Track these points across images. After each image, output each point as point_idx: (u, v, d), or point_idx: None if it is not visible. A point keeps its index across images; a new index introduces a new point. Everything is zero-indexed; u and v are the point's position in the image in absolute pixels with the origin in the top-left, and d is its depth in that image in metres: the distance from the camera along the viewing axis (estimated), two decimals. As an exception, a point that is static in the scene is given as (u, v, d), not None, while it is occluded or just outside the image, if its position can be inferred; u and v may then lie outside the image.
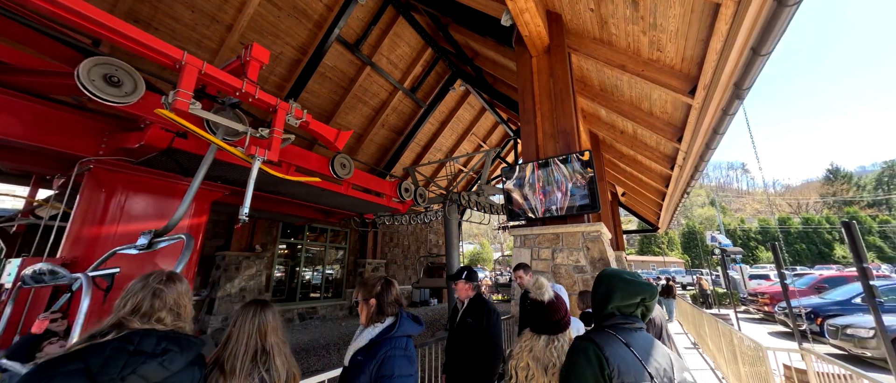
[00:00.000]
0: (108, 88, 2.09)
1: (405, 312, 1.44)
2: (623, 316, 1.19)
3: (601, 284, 1.28)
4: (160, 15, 5.75)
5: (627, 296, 1.19)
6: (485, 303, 2.27)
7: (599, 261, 2.98)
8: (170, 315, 1.00)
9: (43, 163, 3.26)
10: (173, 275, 1.07)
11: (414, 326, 1.41)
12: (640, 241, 40.94)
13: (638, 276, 1.25)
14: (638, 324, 1.19)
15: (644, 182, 7.93)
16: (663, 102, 4.29)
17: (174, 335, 0.95)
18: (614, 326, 1.17)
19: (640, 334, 1.17)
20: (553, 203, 3.47)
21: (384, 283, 1.46)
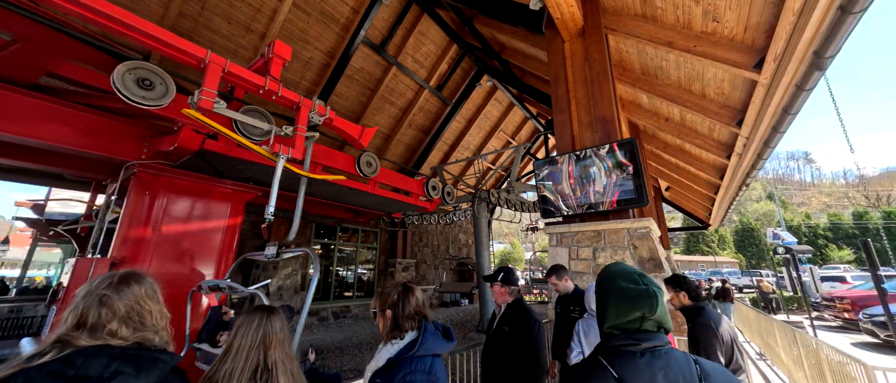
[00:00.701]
0: (141, 92, 2.14)
1: (432, 324, 1.21)
2: (626, 336, 0.90)
3: (598, 290, 1.01)
4: (200, 28, 6.08)
5: (623, 312, 0.92)
6: (525, 311, 2.01)
7: (649, 262, 2.65)
8: (125, 326, 0.80)
9: (98, 170, 3.51)
10: (129, 275, 0.89)
11: (441, 342, 1.18)
12: (687, 239, 37.98)
13: (639, 278, 0.96)
14: (648, 343, 0.88)
15: (692, 174, 7.22)
16: (718, 81, 3.80)
17: (133, 352, 0.78)
18: (612, 351, 0.89)
19: (656, 358, 0.85)
20: (592, 197, 3.17)
21: (401, 291, 1.23)
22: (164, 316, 0.91)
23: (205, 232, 3.40)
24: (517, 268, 34.67)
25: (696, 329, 1.82)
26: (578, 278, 2.93)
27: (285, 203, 4.69)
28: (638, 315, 0.89)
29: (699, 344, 1.80)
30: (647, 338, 0.88)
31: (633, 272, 0.98)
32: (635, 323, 0.90)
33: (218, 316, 3.13)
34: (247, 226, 7.94)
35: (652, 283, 0.95)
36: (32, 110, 2.39)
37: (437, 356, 1.15)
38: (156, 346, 0.84)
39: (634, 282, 0.95)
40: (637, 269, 1.01)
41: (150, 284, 0.92)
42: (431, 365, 1.11)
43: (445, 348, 1.18)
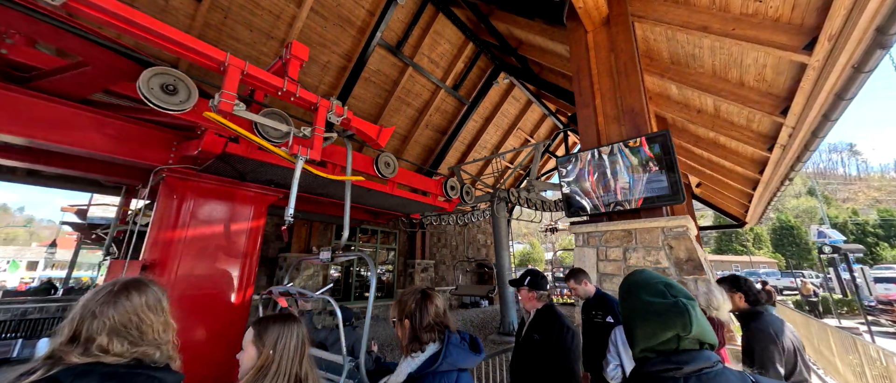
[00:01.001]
0: (166, 97, 2.17)
1: (456, 335, 1.09)
2: (663, 360, 0.76)
3: (622, 307, 0.88)
4: (224, 37, 6.29)
5: (652, 333, 0.78)
6: (556, 318, 1.85)
7: (687, 263, 2.45)
8: (118, 340, 0.72)
9: (130, 175, 3.65)
10: (130, 284, 0.82)
11: (467, 356, 1.06)
12: (718, 238, 36.06)
13: (666, 290, 0.81)
14: (692, 366, 0.72)
15: (727, 169, 6.78)
16: (760, 67, 3.51)
17: (128, 371, 0.71)
18: (650, 378, 0.75)
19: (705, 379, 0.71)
20: (620, 195, 2.99)
21: (420, 299, 1.12)
22: (169, 328, 0.84)
23: (230, 234, 3.46)
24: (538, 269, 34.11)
25: (752, 335, 1.63)
26: (609, 280, 2.76)
27: (305, 205, 4.75)
28: (671, 334, 0.76)
29: (754, 353, 1.60)
30: (690, 360, 0.74)
31: (658, 282, 0.83)
32: (671, 343, 0.76)
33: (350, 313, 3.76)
34: (269, 228, 8.14)
35: (682, 293, 0.81)
36: (72, 120, 2.49)
37: (463, 370, 1.04)
38: (156, 363, 0.77)
39: (661, 294, 0.80)
40: (663, 277, 0.86)
41: (154, 293, 0.85)
42: (457, 381, 1.00)
43: (472, 361, 1.06)
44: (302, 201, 4.61)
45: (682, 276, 2.42)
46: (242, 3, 6.01)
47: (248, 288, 3.52)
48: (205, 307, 3.12)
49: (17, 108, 2.27)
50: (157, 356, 0.78)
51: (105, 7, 1.56)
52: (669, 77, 4.45)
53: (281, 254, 8.23)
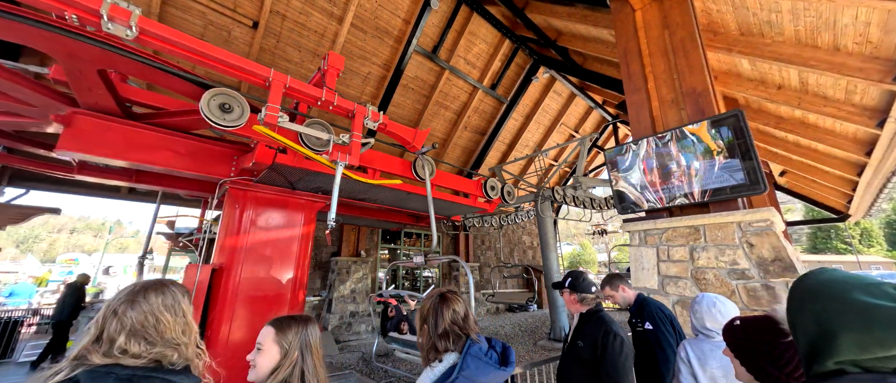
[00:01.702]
0: (224, 115, 2.38)
1: (480, 345, 0.96)
2: (875, 379, 0.58)
3: (804, 309, 0.67)
4: (277, 59, 6.87)
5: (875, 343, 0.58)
6: (601, 323, 1.66)
7: (774, 263, 2.07)
8: (135, 341, 0.73)
9: (202, 188, 4.10)
10: (150, 285, 0.82)
11: (489, 369, 0.93)
12: (813, 235, 30.82)
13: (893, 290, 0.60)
14: None
15: (820, 153, 5.74)
16: (861, 26, 2.90)
17: (144, 375, 0.71)
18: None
19: None
20: (684, 187, 2.64)
21: (437, 302, 1.03)
22: (189, 331, 0.84)
23: (283, 239, 3.71)
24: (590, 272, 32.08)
25: None
26: (673, 283, 2.45)
27: (351, 210, 4.96)
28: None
29: None
30: None
31: (876, 281, 0.64)
32: (893, 362, 0.59)
33: (400, 312, 4.28)
34: (321, 233, 8.66)
35: None
36: (150, 141, 2.86)
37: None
38: (174, 365, 0.77)
39: (889, 297, 0.61)
40: (873, 276, 0.66)
41: (172, 294, 0.84)
42: None
43: (497, 377, 0.93)
44: (349, 207, 4.82)
45: (765, 278, 2.05)
46: (291, 27, 6.52)
47: (300, 290, 3.74)
48: (263, 307, 3.37)
49: (117, 136, 2.67)
50: (174, 357, 0.78)
51: (168, 37, 1.75)
52: (739, 51, 3.89)
53: (332, 258, 8.72)
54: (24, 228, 45.80)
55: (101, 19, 1.60)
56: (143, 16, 1.68)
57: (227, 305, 3.20)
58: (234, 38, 6.18)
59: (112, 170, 3.37)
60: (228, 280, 3.29)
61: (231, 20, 5.92)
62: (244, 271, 3.39)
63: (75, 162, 3.14)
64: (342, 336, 7.82)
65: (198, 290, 3.01)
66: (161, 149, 2.90)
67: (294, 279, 3.68)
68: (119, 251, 44.23)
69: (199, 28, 5.83)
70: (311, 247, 4.17)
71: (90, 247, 47.52)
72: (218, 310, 3.14)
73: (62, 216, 52.85)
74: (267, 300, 3.46)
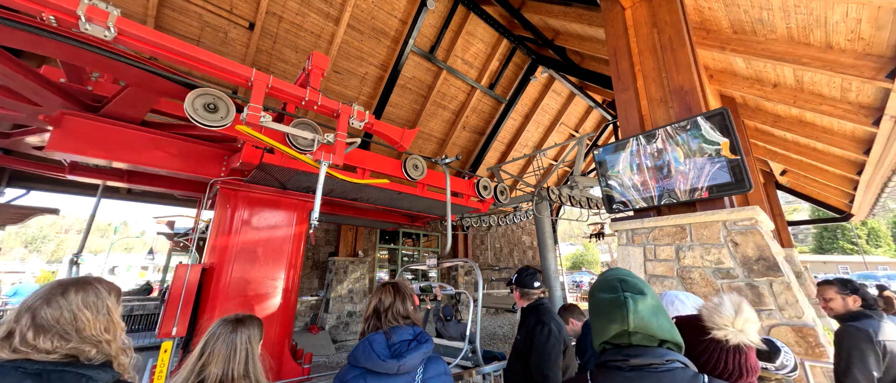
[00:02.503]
0: (209, 115, 2.40)
1: (380, 336, 1.04)
2: (616, 352, 0.81)
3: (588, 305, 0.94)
4: (274, 61, 6.91)
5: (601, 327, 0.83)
6: (536, 315, 1.65)
7: (758, 262, 2.05)
8: (48, 337, 0.72)
9: (195, 188, 4.13)
10: (72, 282, 0.82)
11: (370, 356, 0.99)
12: (819, 235, 30.45)
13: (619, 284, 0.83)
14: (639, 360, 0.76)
15: (820, 152, 5.67)
16: (852, 23, 2.87)
17: (55, 368, 0.70)
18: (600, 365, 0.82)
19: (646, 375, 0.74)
20: (671, 185, 2.62)
21: (375, 291, 1.16)
22: (114, 327, 0.83)
23: (275, 239, 3.72)
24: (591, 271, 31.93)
25: (845, 332, 1.38)
26: (659, 283, 2.42)
27: (347, 211, 4.97)
28: (617, 328, 0.79)
29: (841, 351, 1.40)
30: (639, 354, 0.77)
31: (616, 277, 0.86)
32: (622, 337, 0.80)
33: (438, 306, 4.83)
34: (319, 234, 8.69)
35: (632, 288, 0.82)
36: (140, 142, 2.89)
37: (369, 371, 0.99)
38: (91, 360, 0.77)
39: (612, 289, 0.84)
40: (627, 273, 0.87)
41: (96, 291, 0.84)
42: (353, 379, 0.97)
43: (378, 365, 0.99)
44: (342, 207, 4.83)
45: (752, 279, 2.03)
46: (288, 28, 6.56)
47: (292, 290, 3.75)
48: (254, 307, 3.39)
49: (102, 135, 2.70)
50: (92, 353, 0.77)
51: (146, 37, 1.76)
52: (732, 49, 3.85)
53: (330, 258, 8.75)
54: (32, 229, 46.43)
55: (78, 20, 1.62)
56: (120, 16, 1.70)
57: (218, 305, 3.22)
58: (230, 39, 6.22)
59: (104, 170, 3.40)
60: (219, 280, 3.31)
61: (227, 21, 5.96)
62: (235, 271, 3.41)
63: (67, 162, 3.17)
64: (339, 335, 7.84)
65: (187, 290, 3.03)
66: (151, 149, 2.93)
67: (286, 279, 3.70)
68: (125, 251, 44.70)
69: (196, 30, 5.88)
70: (305, 246, 4.18)
71: (97, 247, 48.08)
72: (208, 310, 3.16)
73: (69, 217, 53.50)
74: (258, 300, 3.47)
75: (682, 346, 0.81)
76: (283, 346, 3.51)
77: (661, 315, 0.81)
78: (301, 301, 8.08)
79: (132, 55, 2.05)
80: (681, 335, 0.85)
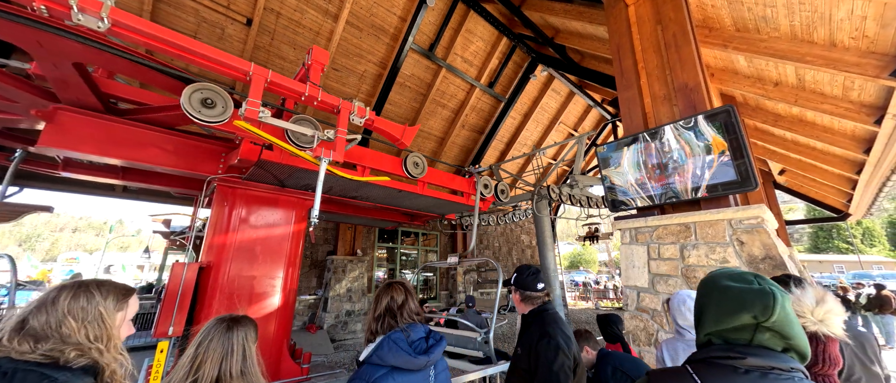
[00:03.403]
0: (206, 110, 2.35)
1: (399, 332, 1.05)
2: (727, 348, 0.72)
3: (698, 297, 0.83)
4: (272, 57, 6.83)
5: (725, 314, 0.73)
6: (541, 325, 1.42)
7: (764, 261, 2.02)
8: (26, 340, 0.72)
9: (192, 186, 4.07)
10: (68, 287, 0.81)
11: (401, 354, 1.00)
12: (814, 235, 30.68)
13: (754, 279, 0.75)
14: (759, 361, 0.68)
15: (819, 151, 5.67)
16: (857, 20, 2.85)
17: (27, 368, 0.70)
18: (705, 361, 0.73)
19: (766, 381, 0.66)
20: (675, 184, 2.60)
21: (382, 288, 1.16)
22: (104, 335, 0.81)
23: (273, 237, 3.68)
24: (589, 271, 31.95)
25: None
26: (663, 282, 2.40)
27: (346, 209, 4.92)
28: (748, 319, 0.71)
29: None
30: (760, 354, 0.68)
31: (745, 273, 0.78)
32: (744, 332, 0.71)
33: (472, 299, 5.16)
34: (318, 232, 8.63)
35: (772, 284, 0.74)
36: (135, 138, 2.83)
37: (398, 369, 0.99)
38: (70, 363, 0.75)
39: (745, 280, 0.75)
40: (753, 272, 0.80)
41: (89, 296, 0.82)
42: (380, 378, 0.96)
43: (409, 362, 1.00)
44: (341, 205, 4.79)
45: (757, 278, 2.01)
46: (286, 24, 6.49)
47: (291, 289, 3.70)
48: (253, 306, 3.34)
49: (100, 132, 2.64)
50: (72, 355, 0.76)
51: (142, 29, 1.71)
52: (735, 47, 3.83)
53: (329, 257, 8.70)
54: (27, 227, 46.00)
55: (71, 10, 1.56)
56: (115, 7, 1.64)
57: (216, 304, 3.17)
58: (227, 35, 6.15)
59: (98, 167, 3.34)
60: (216, 278, 3.26)
61: (224, 17, 5.89)
62: (232, 269, 3.36)
63: (60, 158, 3.11)
64: (337, 335, 7.80)
65: (184, 289, 2.98)
66: (146, 145, 2.87)
67: (285, 278, 3.65)
68: (121, 250, 44.40)
69: (193, 25, 5.80)
70: (303, 245, 4.14)
71: (92, 246, 47.71)
72: (205, 310, 3.11)
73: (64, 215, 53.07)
74: (256, 298, 3.43)
75: (807, 358, 0.74)
76: (282, 346, 3.47)
77: (797, 322, 0.75)
78: (299, 300, 8.03)
79: (125, 47, 1.99)
80: None
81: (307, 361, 3.66)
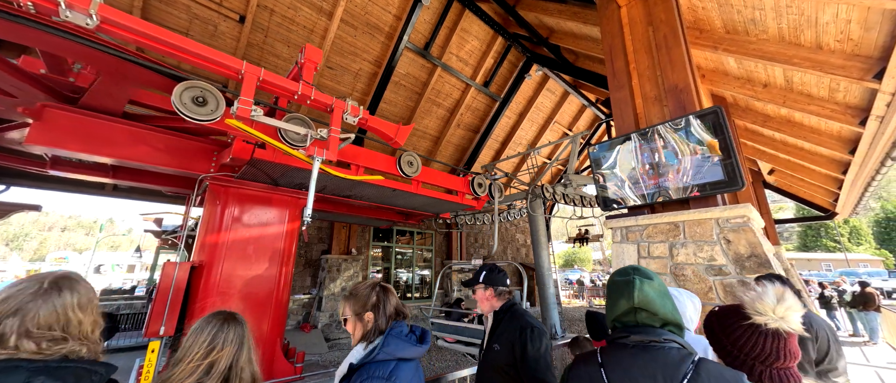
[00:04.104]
0: (197, 108, 2.33)
1: (400, 326, 1.13)
2: (622, 329, 0.91)
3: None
4: (266, 55, 6.78)
5: (611, 304, 0.95)
6: (518, 319, 1.47)
7: (750, 259, 2.07)
8: (32, 340, 0.68)
9: (183, 184, 4.03)
10: (59, 281, 0.77)
11: (407, 346, 1.08)
12: (803, 234, 31.24)
13: (632, 271, 0.95)
14: (639, 337, 0.85)
15: (806, 151, 5.78)
16: (842, 24, 2.91)
17: (58, 365, 0.68)
18: (609, 341, 0.93)
19: (643, 352, 0.83)
20: (665, 183, 2.64)
21: (380, 291, 1.19)
22: (97, 326, 0.81)
23: (267, 236, 3.66)
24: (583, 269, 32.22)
25: None
26: (652, 280, 2.45)
27: (340, 208, 4.91)
28: (625, 305, 0.90)
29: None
30: (640, 332, 0.87)
31: (629, 267, 0.97)
32: (629, 315, 0.90)
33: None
34: (312, 231, 8.59)
35: (642, 273, 0.93)
36: (126, 136, 2.80)
37: (403, 360, 1.07)
38: (84, 358, 0.75)
39: (624, 273, 0.95)
40: (639, 265, 0.99)
41: (85, 292, 0.80)
42: (393, 371, 1.02)
43: (414, 352, 1.10)
44: (335, 203, 4.78)
45: (741, 274, 2.05)
46: (279, 22, 6.44)
47: (285, 288, 3.69)
48: (246, 305, 3.33)
49: (84, 129, 2.60)
50: (83, 352, 0.74)
51: (134, 26, 1.70)
52: (725, 49, 3.89)
53: (323, 256, 8.67)
54: (15, 226, 45.08)
55: (58, 7, 1.55)
56: (103, 4, 1.63)
57: (208, 303, 3.15)
58: (220, 32, 6.08)
59: (87, 165, 3.29)
60: (209, 278, 3.24)
61: (217, 14, 5.82)
62: (225, 269, 3.34)
63: (48, 157, 3.06)
64: (332, 334, 7.78)
65: (176, 288, 2.96)
66: (137, 144, 2.84)
67: (278, 277, 3.64)
68: (111, 249, 43.72)
69: (185, 22, 5.73)
70: (297, 244, 4.12)
71: (81, 245, 46.92)
72: (198, 309, 3.09)
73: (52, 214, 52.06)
74: (250, 297, 3.41)
75: (682, 328, 0.89)
76: (275, 345, 3.46)
77: (666, 298, 0.91)
78: (293, 299, 7.99)
79: (114, 44, 1.97)
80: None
81: (301, 360, 3.66)
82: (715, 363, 0.81)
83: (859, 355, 6.09)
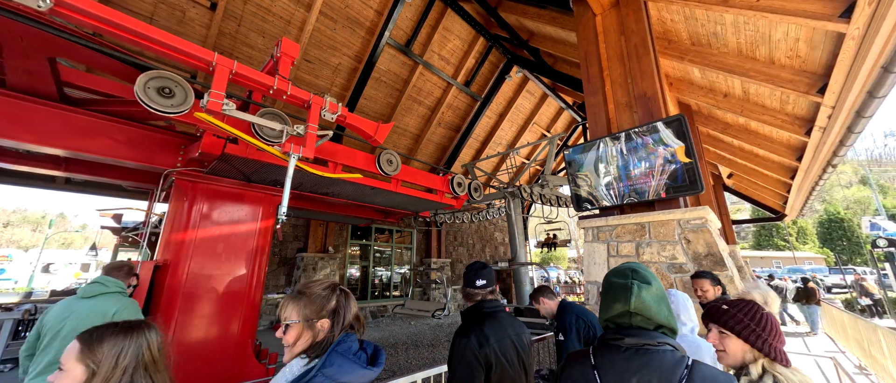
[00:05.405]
0: (163, 100, 2.21)
1: (350, 340, 0.92)
2: (615, 331, 0.92)
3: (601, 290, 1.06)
4: (239, 45, 6.49)
5: (606, 306, 0.95)
6: (466, 319, 1.46)
7: (706, 258, 2.23)
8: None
9: (146, 179, 3.81)
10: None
11: (353, 367, 0.85)
12: (757, 233, 33.68)
13: (630, 273, 0.95)
14: (633, 340, 0.87)
15: (761, 157, 6.25)
16: (791, 41, 3.17)
17: None
18: (601, 342, 0.94)
19: (638, 356, 0.84)
20: (633, 185, 2.78)
21: (342, 294, 0.98)
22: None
23: (238, 234, 3.53)
24: (558, 267, 33.20)
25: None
26: (619, 278, 2.59)
27: (317, 205, 4.80)
28: (621, 308, 0.90)
29: None
30: (635, 335, 0.87)
31: (628, 269, 0.97)
32: (624, 317, 0.90)
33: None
34: (287, 229, 8.35)
35: (640, 277, 0.93)
36: (83, 127, 2.61)
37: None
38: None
39: (622, 276, 0.95)
40: (638, 265, 0.99)
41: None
42: None
43: (361, 376, 0.86)
44: (311, 201, 4.66)
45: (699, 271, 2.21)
46: (254, 11, 6.18)
47: (257, 287, 3.58)
48: (214, 307, 3.19)
49: (42, 120, 2.40)
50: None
51: (88, 10, 1.59)
52: (690, 60, 4.13)
53: (298, 254, 8.44)
54: (-54, 221, 40.70)
55: (4, -14, 1.43)
56: (57, -15, 1.51)
57: (172, 305, 3.00)
58: (188, 18, 5.77)
59: (36, 157, 3.04)
60: (174, 278, 3.08)
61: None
62: (192, 268, 3.19)
63: (-13, 146, 2.80)
64: (307, 334, 7.61)
65: (138, 288, 2.80)
66: (95, 135, 2.65)
67: (250, 276, 3.51)
68: (63, 247, 40.35)
69: (149, 6, 5.39)
70: (271, 242, 3.99)
71: (28, 242, 43.01)
72: (162, 311, 2.94)
73: (-7, 208, 47.32)
74: (219, 298, 3.28)
75: (676, 332, 0.91)
76: (246, 346, 3.35)
77: (663, 303, 0.92)
78: (266, 299, 7.74)
79: (70, 29, 1.84)
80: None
81: (273, 361, 3.57)
82: (709, 366, 0.84)
83: (801, 345, 6.67)
